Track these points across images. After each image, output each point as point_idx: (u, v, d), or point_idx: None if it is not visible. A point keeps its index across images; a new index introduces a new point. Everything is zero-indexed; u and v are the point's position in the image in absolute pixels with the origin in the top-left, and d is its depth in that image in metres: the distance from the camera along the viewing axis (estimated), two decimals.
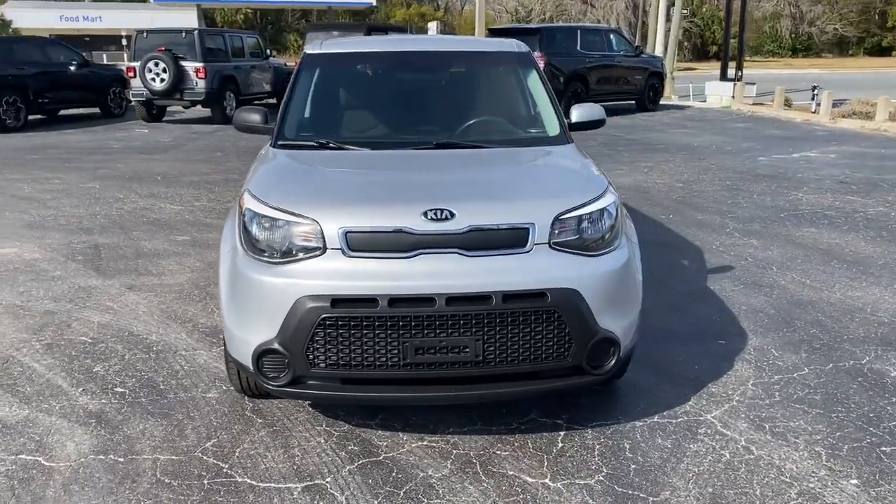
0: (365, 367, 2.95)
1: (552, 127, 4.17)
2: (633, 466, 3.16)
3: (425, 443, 3.33)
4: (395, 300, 2.89)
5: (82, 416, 3.55)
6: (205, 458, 3.20)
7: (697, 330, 4.60)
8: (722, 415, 3.58)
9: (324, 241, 3.01)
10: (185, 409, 3.62)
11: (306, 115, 4.21)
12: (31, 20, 34.51)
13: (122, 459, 3.18)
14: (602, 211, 3.27)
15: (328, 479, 3.04)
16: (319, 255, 3.01)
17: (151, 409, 3.62)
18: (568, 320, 2.99)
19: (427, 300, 2.90)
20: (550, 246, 3.09)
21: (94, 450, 3.26)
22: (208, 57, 15.74)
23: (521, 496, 2.95)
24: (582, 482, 3.04)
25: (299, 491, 2.96)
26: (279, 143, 3.97)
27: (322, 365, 2.95)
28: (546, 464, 3.18)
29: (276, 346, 2.97)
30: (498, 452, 3.26)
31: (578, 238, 3.15)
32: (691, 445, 3.32)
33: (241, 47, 17.23)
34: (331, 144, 3.90)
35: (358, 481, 3.03)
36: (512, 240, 3.05)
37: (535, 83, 4.42)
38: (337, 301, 2.90)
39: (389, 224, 3.01)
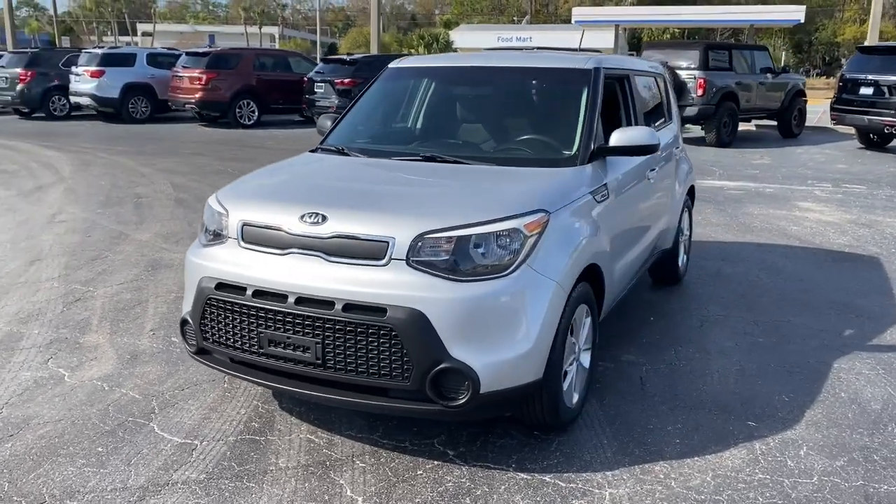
0: (235, 349, 3.25)
1: (570, 148, 3.87)
2: None
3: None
4: (258, 292, 3.15)
5: None
6: None
7: None
8: None
9: (228, 230, 3.38)
10: None
11: (354, 122, 4.54)
12: (471, 41, 39.41)
13: None
14: (492, 235, 3.04)
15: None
16: (223, 243, 3.40)
17: None
18: (405, 342, 2.91)
19: (281, 296, 3.09)
20: (408, 263, 3.01)
21: None
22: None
23: None
24: None
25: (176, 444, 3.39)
26: (316, 147, 4.39)
27: (211, 341, 3.34)
28: None
29: (187, 317, 3.44)
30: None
31: (447, 259, 3.00)
32: None
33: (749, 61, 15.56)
34: (344, 150, 4.18)
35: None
36: (370, 251, 3.05)
37: (581, 102, 4.11)
38: (221, 285, 3.26)
39: (271, 222, 3.26)
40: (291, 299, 3.06)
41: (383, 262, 3.02)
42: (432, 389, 2.94)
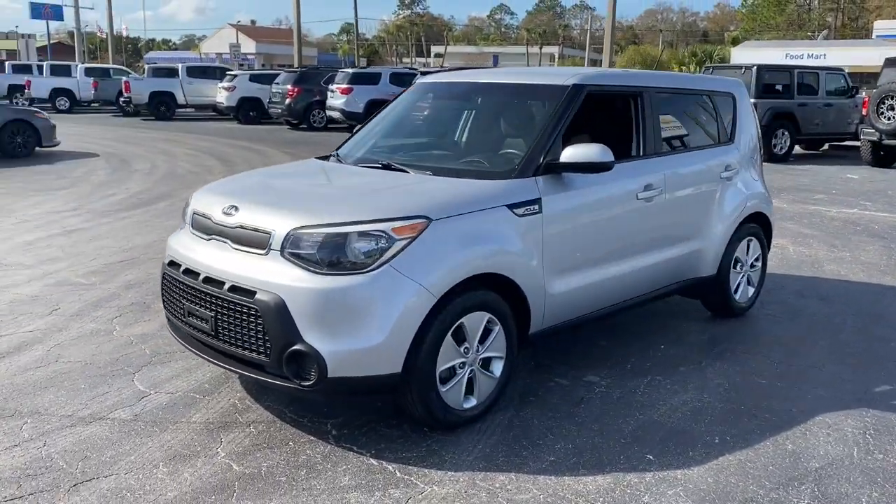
0: (173, 316, 3.89)
1: (511, 162, 3.99)
2: None
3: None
4: (186, 270, 3.76)
5: None
6: None
7: None
8: None
9: (186, 218, 4.04)
10: None
11: (368, 131, 4.94)
12: (754, 58, 37.28)
13: None
14: (357, 234, 3.34)
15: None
16: (183, 229, 4.06)
17: None
18: (266, 323, 3.33)
19: (196, 274, 3.67)
20: (282, 253, 3.41)
21: None
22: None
23: None
24: None
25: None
26: (320, 154, 4.90)
27: (165, 308, 4.01)
28: None
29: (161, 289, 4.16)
30: None
31: (313, 253, 3.35)
32: None
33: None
34: (337, 157, 4.64)
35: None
36: (257, 241, 3.49)
37: (543, 118, 4.19)
38: (171, 262, 3.93)
39: (205, 211, 3.84)
40: (201, 277, 3.61)
41: (265, 251, 3.45)
42: (287, 368, 3.31)
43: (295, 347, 3.26)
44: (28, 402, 3.89)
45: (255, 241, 3.49)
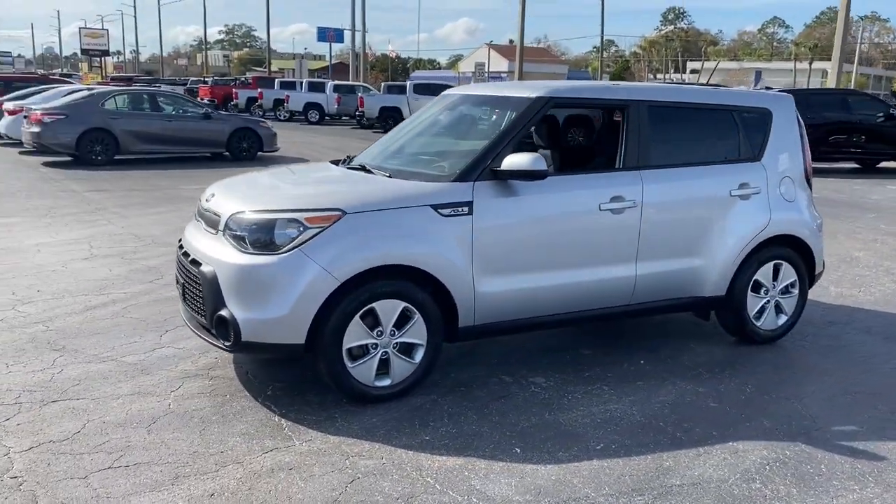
0: (179, 286, 4.74)
1: (455, 167, 4.33)
2: None
3: None
4: (180, 246, 4.60)
5: None
6: None
7: None
8: None
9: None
10: None
11: (386, 137, 5.43)
12: None
13: None
14: (274, 221, 3.92)
15: None
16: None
17: None
18: (204, 291, 4.05)
19: (184, 252, 4.48)
20: (224, 234, 4.10)
21: None
22: None
23: None
24: None
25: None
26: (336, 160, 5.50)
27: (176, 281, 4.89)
28: None
29: None
30: None
31: (241, 234, 3.99)
32: None
33: None
34: (344, 161, 5.23)
35: None
36: (214, 223, 4.21)
37: (499, 127, 4.47)
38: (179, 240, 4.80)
39: (201, 199, 4.64)
40: (182, 251, 4.42)
41: (216, 232, 4.15)
42: (216, 330, 3.98)
43: (220, 313, 3.91)
44: (77, 342, 4.93)
45: (213, 223, 4.21)
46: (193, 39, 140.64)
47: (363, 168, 4.70)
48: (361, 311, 3.94)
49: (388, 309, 4.01)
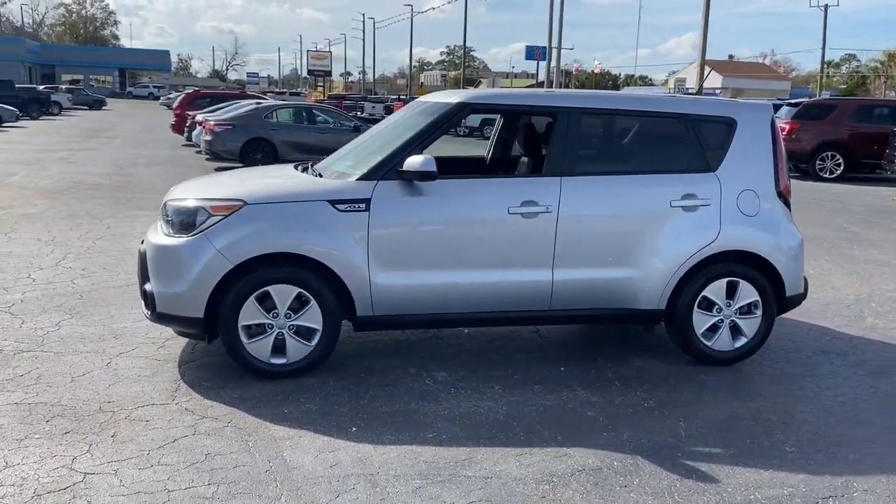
0: None
1: (362, 168, 4.66)
2: None
3: None
4: None
5: None
6: None
7: None
8: None
9: None
10: None
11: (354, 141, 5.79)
12: None
13: None
14: (186, 209, 4.49)
15: None
16: None
17: None
18: (139, 267, 4.74)
19: None
20: (161, 219, 4.75)
21: None
22: None
23: None
24: None
25: None
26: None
27: None
28: None
29: None
30: None
31: (169, 219, 4.59)
32: None
33: None
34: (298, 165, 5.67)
35: None
36: (161, 210, 4.90)
37: (413, 131, 4.73)
38: None
39: None
40: None
41: (160, 217, 4.82)
42: (145, 302, 4.63)
43: (144, 286, 4.55)
44: (121, 303, 5.83)
45: (161, 209, 4.87)
46: (416, 60, 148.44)
47: (305, 169, 5.13)
48: (257, 293, 4.38)
49: (283, 293, 4.41)
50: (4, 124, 30.73)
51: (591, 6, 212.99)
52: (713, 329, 4.92)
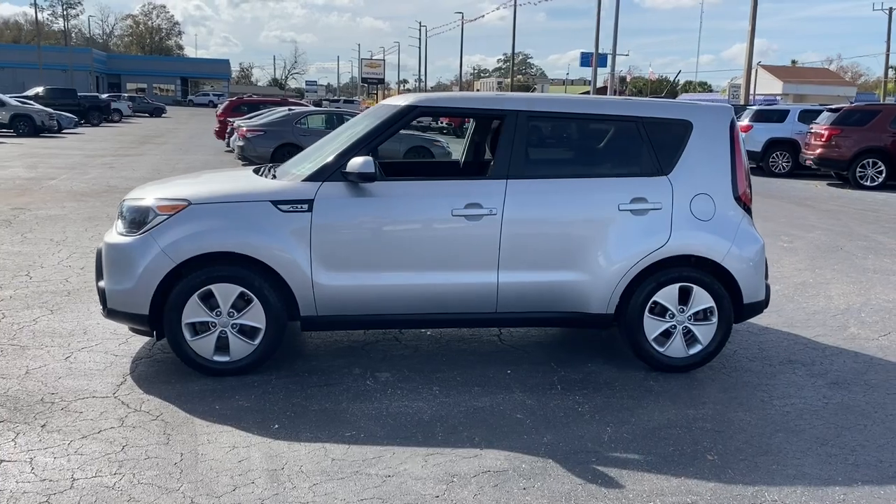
0: None
1: (310, 169, 4.74)
2: None
3: None
4: None
5: None
6: None
7: None
8: None
9: None
10: None
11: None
12: None
13: None
14: (137, 209, 4.64)
15: None
16: None
17: None
18: (96, 264, 4.91)
19: None
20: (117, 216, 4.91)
21: None
22: None
23: None
24: None
25: None
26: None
27: None
28: None
29: None
30: None
31: (124, 218, 4.74)
32: None
33: None
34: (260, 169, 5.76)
35: None
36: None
37: (361, 133, 4.79)
38: None
39: None
40: None
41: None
42: (99, 297, 4.80)
43: (99, 283, 4.71)
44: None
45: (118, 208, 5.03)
46: (472, 68, 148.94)
47: (258, 171, 5.22)
48: (200, 291, 4.49)
49: (225, 292, 4.52)
50: (64, 130, 32.01)
51: (652, 12, 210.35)
52: (666, 335, 4.84)
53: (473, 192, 4.66)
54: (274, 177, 4.95)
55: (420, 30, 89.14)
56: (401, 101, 4.91)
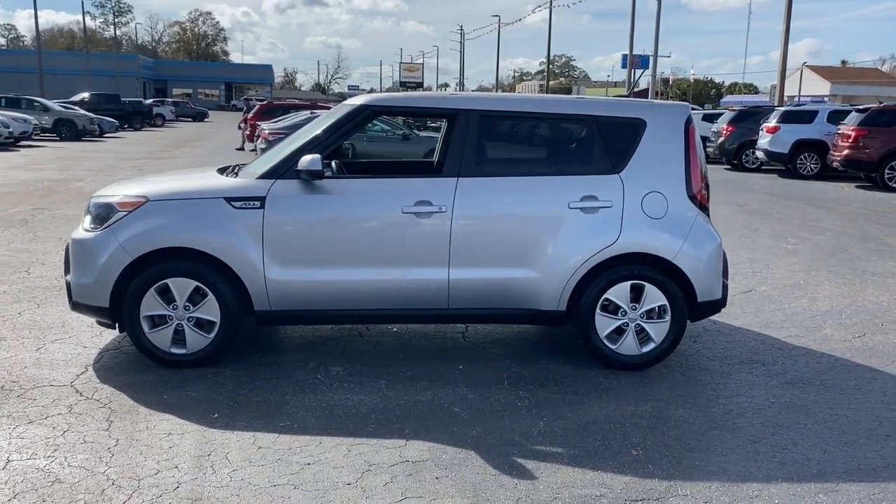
0: None
1: (265, 167, 4.86)
2: None
3: None
4: None
5: None
6: None
7: None
8: None
9: None
10: None
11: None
12: None
13: None
14: (101, 205, 4.80)
15: None
16: None
17: None
18: (64, 259, 5.12)
19: None
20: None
21: None
22: None
23: None
24: None
25: None
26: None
27: None
28: None
29: None
30: None
31: (91, 214, 4.89)
32: None
33: None
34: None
35: None
36: None
37: (317, 132, 4.90)
38: None
39: None
40: None
41: None
42: (67, 292, 4.99)
43: (66, 277, 4.91)
44: None
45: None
46: (514, 71, 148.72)
47: (225, 170, 5.34)
48: (157, 286, 4.65)
49: (181, 286, 4.67)
50: (105, 134, 32.95)
51: (699, 14, 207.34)
52: (619, 332, 4.85)
53: (424, 190, 4.73)
54: (236, 175, 5.08)
55: (461, 33, 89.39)
56: (355, 100, 5.01)
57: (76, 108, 33.39)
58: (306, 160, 4.55)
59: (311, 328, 5.60)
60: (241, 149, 25.07)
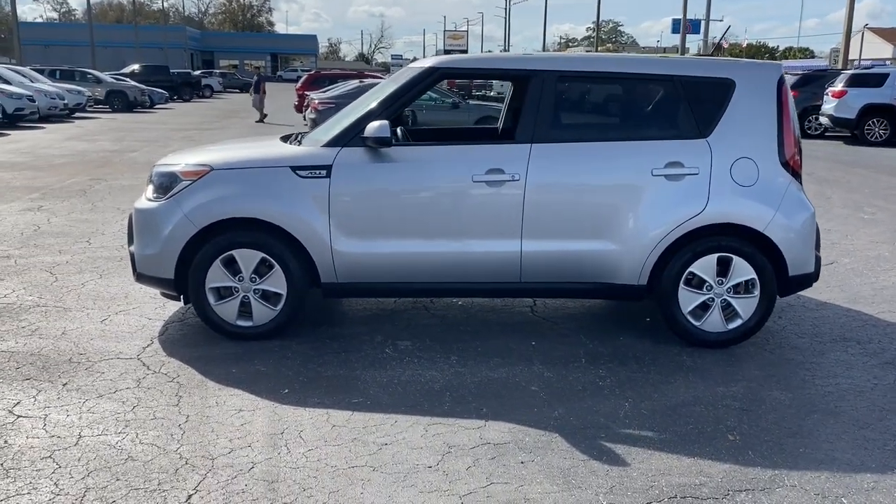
0: None
1: (330, 136, 4.66)
2: None
3: None
4: None
5: None
6: None
7: None
8: None
9: None
10: None
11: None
12: None
13: None
14: (165, 174, 4.67)
15: None
16: None
17: None
18: (127, 230, 5.02)
19: None
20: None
21: None
22: None
23: None
24: None
25: None
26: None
27: None
28: None
29: None
30: None
31: (154, 184, 4.76)
32: None
33: None
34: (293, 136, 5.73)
35: None
36: None
37: (383, 96, 4.68)
38: None
39: None
40: None
41: None
42: (131, 264, 4.89)
43: (130, 247, 4.81)
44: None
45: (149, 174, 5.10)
46: (560, 37, 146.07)
47: (289, 139, 5.17)
48: (222, 257, 4.52)
49: (247, 257, 4.52)
50: (156, 106, 33.28)
51: None
52: (703, 308, 4.57)
53: (496, 157, 4.49)
54: (300, 143, 4.90)
55: (507, 1, 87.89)
56: (422, 63, 4.77)
57: (127, 79, 33.73)
58: (374, 126, 4.33)
59: (374, 301, 5.44)
60: (261, 121, 24.89)
